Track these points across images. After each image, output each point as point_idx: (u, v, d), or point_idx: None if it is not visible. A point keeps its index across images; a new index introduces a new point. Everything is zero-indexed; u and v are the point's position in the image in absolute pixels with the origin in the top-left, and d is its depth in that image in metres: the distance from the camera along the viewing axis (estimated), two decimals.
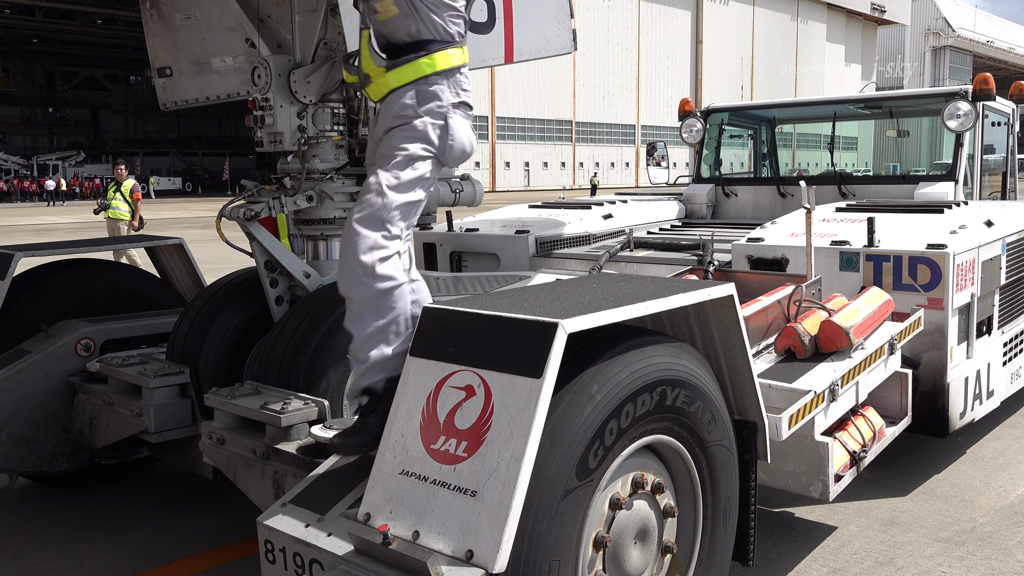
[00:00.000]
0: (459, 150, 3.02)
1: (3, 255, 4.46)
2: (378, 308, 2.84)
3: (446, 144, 2.98)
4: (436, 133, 2.96)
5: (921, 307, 4.27)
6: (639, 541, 2.58)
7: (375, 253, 2.81)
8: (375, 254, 2.81)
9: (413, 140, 2.95)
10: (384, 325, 2.86)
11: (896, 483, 4.69)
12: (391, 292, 2.85)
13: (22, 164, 63.24)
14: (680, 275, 4.85)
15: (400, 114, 2.97)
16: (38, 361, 4.23)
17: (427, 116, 2.96)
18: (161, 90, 4.77)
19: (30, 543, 4.14)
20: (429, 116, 2.96)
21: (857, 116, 8.02)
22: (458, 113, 3.03)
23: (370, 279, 2.81)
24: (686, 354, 2.65)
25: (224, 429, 3.34)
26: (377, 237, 2.83)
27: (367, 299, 2.83)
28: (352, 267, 2.83)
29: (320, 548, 2.28)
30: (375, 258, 2.81)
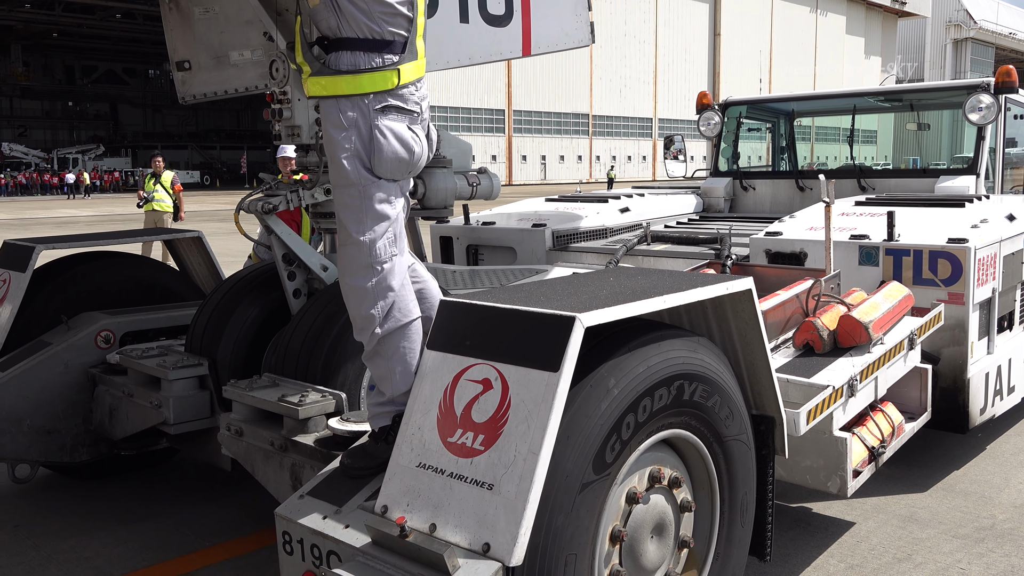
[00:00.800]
0: (389, 162, 2.78)
1: (24, 248, 4.50)
2: (389, 351, 2.80)
3: (376, 160, 2.77)
4: (364, 152, 2.77)
5: (941, 302, 4.23)
6: (656, 535, 2.57)
7: (377, 303, 2.77)
8: (378, 303, 2.77)
9: (352, 164, 2.77)
10: (397, 368, 2.80)
11: (915, 479, 4.65)
12: (401, 332, 2.80)
13: (42, 157, 63.73)
14: (697, 269, 4.83)
15: (330, 134, 2.80)
16: (59, 353, 4.27)
17: (354, 134, 2.76)
18: (180, 84, 4.78)
19: (51, 532, 4.18)
20: (355, 134, 2.76)
21: (877, 109, 7.95)
22: (386, 120, 2.79)
23: (376, 327, 2.77)
24: (704, 348, 2.64)
25: (242, 421, 3.36)
26: (373, 286, 2.77)
27: (376, 346, 2.79)
28: (357, 320, 2.80)
29: (338, 540, 2.29)
30: (379, 308, 2.77)
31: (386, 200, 2.82)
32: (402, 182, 2.88)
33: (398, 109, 2.82)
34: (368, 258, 2.77)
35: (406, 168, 2.84)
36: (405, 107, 2.84)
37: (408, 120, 2.84)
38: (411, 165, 2.85)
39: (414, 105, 2.86)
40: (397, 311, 2.79)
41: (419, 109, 2.88)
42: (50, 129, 75.15)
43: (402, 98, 2.83)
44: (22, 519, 4.35)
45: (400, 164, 2.81)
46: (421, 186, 4.22)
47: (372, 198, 2.79)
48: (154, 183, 13.11)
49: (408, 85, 2.84)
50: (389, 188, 2.83)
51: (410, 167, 2.85)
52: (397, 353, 2.80)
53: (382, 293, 2.77)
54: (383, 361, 2.80)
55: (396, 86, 2.80)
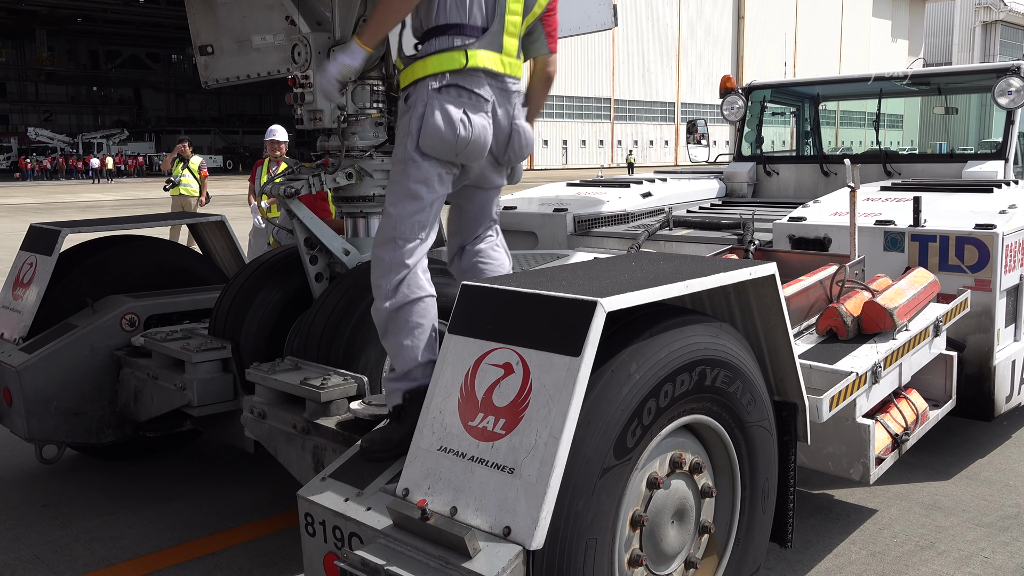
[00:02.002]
0: (430, 137, 2.85)
1: (50, 231, 4.54)
2: (398, 326, 2.87)
3: (421, 133, 2.86)
4: (415, 130, 2.88)
5: (968, 288, 4.19)
6: (676, 520, 2.57)
7: (391, 275, 2.86)
8: (391, 276, 2.86)
9: (403, 143, 2.92)
10: (405, 342, 2.87)
11: (939, 467, 4.62)
12: (409, 308, 2.87)
13: (67, 142, 64.29)
14: (720, 254, 4.80)
15: (399, 119, 2.95)
16: (85, 335, 4.31)
17: (413, 115, 2.89)
18: (203, 68, 4.81)
19: (77, 512, 4.24)
20: (414, 115, 2.89)
21: (904, 93, 7.84)
22: (441, 98, 2.88)
23: (386, 300, 2.86)
24: (726, 334, 2.62)
25: (265, 404, 3.39)
26: (391, 258, 2.87)
27: (386, 318, 2.87)
28: (373, 289, 2.90)
29: (359, 522, 2.31)
30: (392, 280, 2.86)
31: (422, 183, 2.91)
32: (448, 172, 2.95)
33: (460, 90, 2.90)
34: (392, 231, 2.88)
35: (449, 149, 2.89)
36: (472, 91, 2.92)
37: (469, 105, 2.91)
38: (455, 147, 2.89)
39: (485, 93, 2.94)
40: (406, 287, 2.86)
41: (488, 98, 2.95)
42: (75, 114, 75.76)
43: (470, 82, 2.91)
44: (50, 499, 4.42)
45: (442, 143, 2.87)
46: None
47: (410, 177, 2.90)
48: (182, 167, 13.19)
49: (480, 71, 2.92)
50: (429, 172, 2.91)
51: (455, 149, 2.90)
52: (405, 328, 2.86)
53: (396, 267, 2.86)
54: (393, 336, 2.88)
55: (463, 67, 2.88)
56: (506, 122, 3.05)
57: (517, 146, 3.10)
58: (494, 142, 3.03)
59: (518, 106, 3.09)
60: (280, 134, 8.96)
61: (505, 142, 3.08)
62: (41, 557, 3.78)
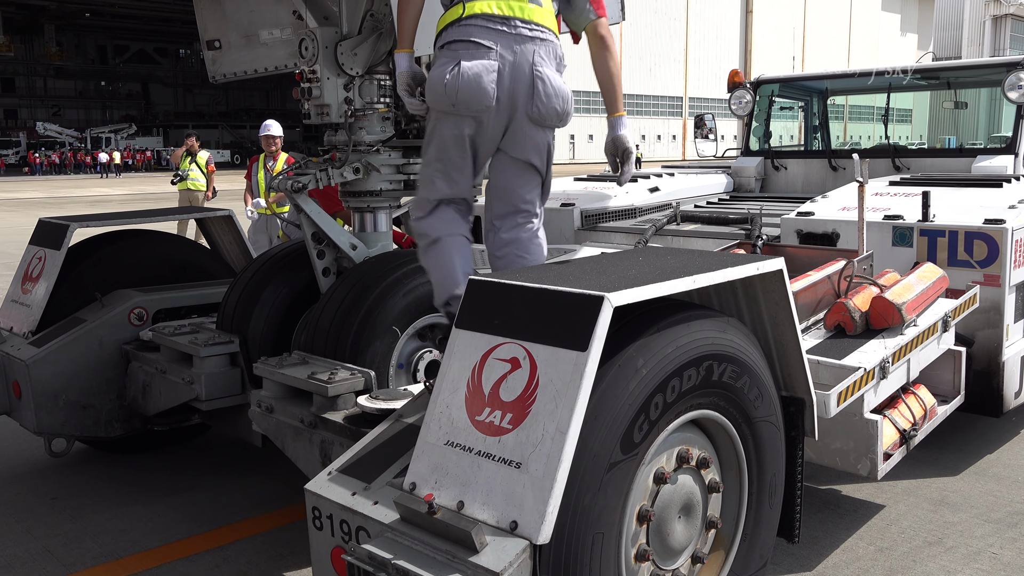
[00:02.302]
0: (430, 89, 3.06)
1: (59, 226, 4.56)
2: (427, 265, 3.31)
3: (426, 89, 3.13)
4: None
5: (977, 284, 4.17)
6: (683, 516, 2.57)
7: (416, 222, 3.31)
8: (416, 223, 3.31)
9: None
10: (433, 279, 3.28)
11: (947, 463, 4.61)
12: (431, 248, 3.26)
13: (76, 137, 64.44)
14: (728, 249, 4.79)
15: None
16: (93, 329, 4.33)
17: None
18: (210, 62, 4.81)
19: (86, 505, 4.26)
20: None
21: (913, 87, 7.81)
22: (440, 54, 3.07)
23: (417, 239, 3.33)
24: (733, 329, 2.62)
25: (272, 398, 3.39)
26: (415, 206, 3.32)
27: (421, 260, 3.34)
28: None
29: (367, 516, 2.31)
30: (416, 226, 3.31)
31: (435, 136, 3.16)
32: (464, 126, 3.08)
33: (458, 43, 3.02)
34: (418, 181, 3.37)
35: (441, 98, 3.04)
36: (469, 40, 2.99)
37: (465, 55, 2.99)
38: (446, 95, 3.01)
39: (485, 40, 3.00)
40: (419, 236, 3.30)
41: (490, 45, 3.00)
42: (83, 109, 75.92)
43: (467, 32, 3.00)
44: (59, 492, 4.44)
45: (434, 93, 3.07)
46: None
47: (429, 132, 3.20)
48: (189, 162, 13.21)
49: (478, 18, 3.01)
50: (441, 127, 3.12)
51: (448, 99, 3.01)
52: (429, 268, 3.29)
53: (416, 214, 3.30)
54: (429, 274, 3.31)
55: (460, 16, 3.03)
56: (525, 69, 3.01)
57: (543, 95, 3.04)
58: (510, 90, 3.01)
59: (540, 54, 3.03)
60: (275, 129, 8.88)
61: (528, 92, 3.02)
62: (51, 550, 3.80)
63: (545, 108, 3.07)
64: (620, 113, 3.28)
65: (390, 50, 3.97)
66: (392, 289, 3.59)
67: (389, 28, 3.90)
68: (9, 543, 3.86)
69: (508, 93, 3.02)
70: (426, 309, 3.70)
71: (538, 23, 3.06)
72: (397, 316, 3.58)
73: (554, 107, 3.09)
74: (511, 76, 3.00)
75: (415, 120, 4.14)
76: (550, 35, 3.11)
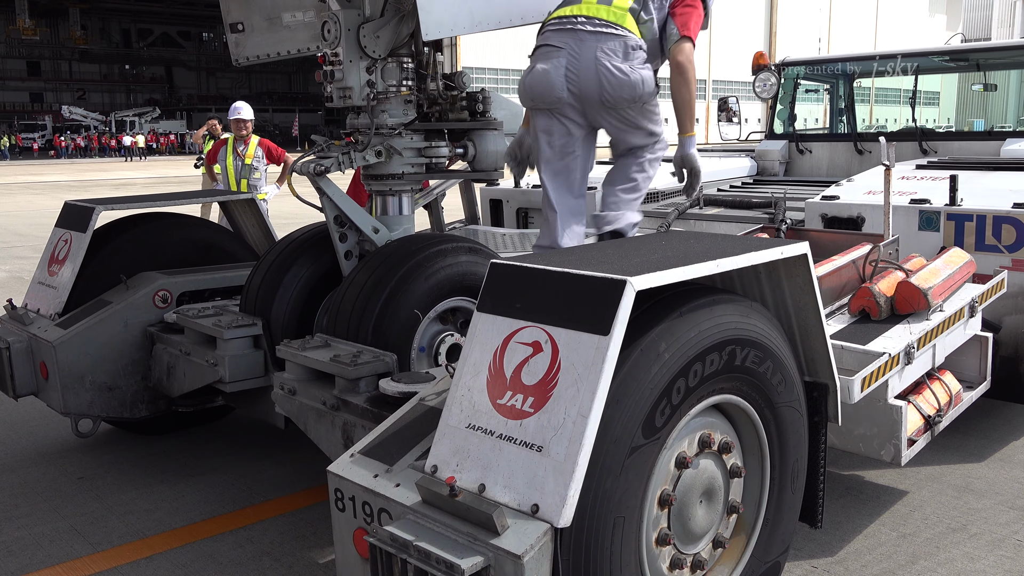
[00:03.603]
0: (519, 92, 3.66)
1: (85, 209, 4.60)
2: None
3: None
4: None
5: (1005, 269, 4.12)
6: (705, 500, 2.57)
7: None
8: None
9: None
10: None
11: (972, 449, 4.57)
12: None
13: (100, 120, 64.93)
14: (751, 233, 4.76)
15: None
16: (118, 311, 4.37)
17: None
18: (233, 46, 4.82)
19: (112, 485, 4.32)
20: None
21: (941, 69, 7.69)
22: (531, 58, 3.62)
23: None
24: (756, 314, 2.60)
25: (295, 380, 3.41)
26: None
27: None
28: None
29: (389, 498, 2.32)
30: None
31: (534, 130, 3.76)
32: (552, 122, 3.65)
33: (539, 48, 3.61)
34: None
35: (523, 96, 3.66)
36: (546, 44, 3.58)
37: (543, 58, 3.55)
38: (524, 93, 3.64)
39: (555, 41, 3.53)
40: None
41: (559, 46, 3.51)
42: (108, 92, 76.47)
43: (545, 38, 3.59)
44: (85, 471, 4.50)
45: (519, 95, 3.71)
46: (472, 148, 4.21)
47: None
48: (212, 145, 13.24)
49: (553, 21, 3.57)
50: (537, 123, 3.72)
51: (527, 95, 3.63)
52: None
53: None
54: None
55: (547, 21, 3.64)
56: (590, 63, 3.40)
57: (608, 85, 3.43)
58: (582, 84, 3.45)
59: (604, 48, 3.42)
60: (245, 112, 8.67)
61: (596, 83, 3.43)
62: (78, 528, 3.85)
63: (613, 96, 3.48)
64: (691, 133, 3.62)
65: (412, 32, 3.96)
66: (414, 272, 3.60)
67: (411, 10, 3.88)
68: (37, 521, 3.92)
69: (578, 85, 3.46)
70: (448, 292, 3.70)
71: (603, 19, 3.46)
72: (419, 299, 3.59)
73: (622, 95, 3.48)
74: (580, 69, 3.44)
75: (437, 103, 4.14)
76: (619, 29, 3.47)
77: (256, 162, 8.71)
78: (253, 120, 8.76)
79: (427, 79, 4.12)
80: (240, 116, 8.63)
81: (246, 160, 8.64)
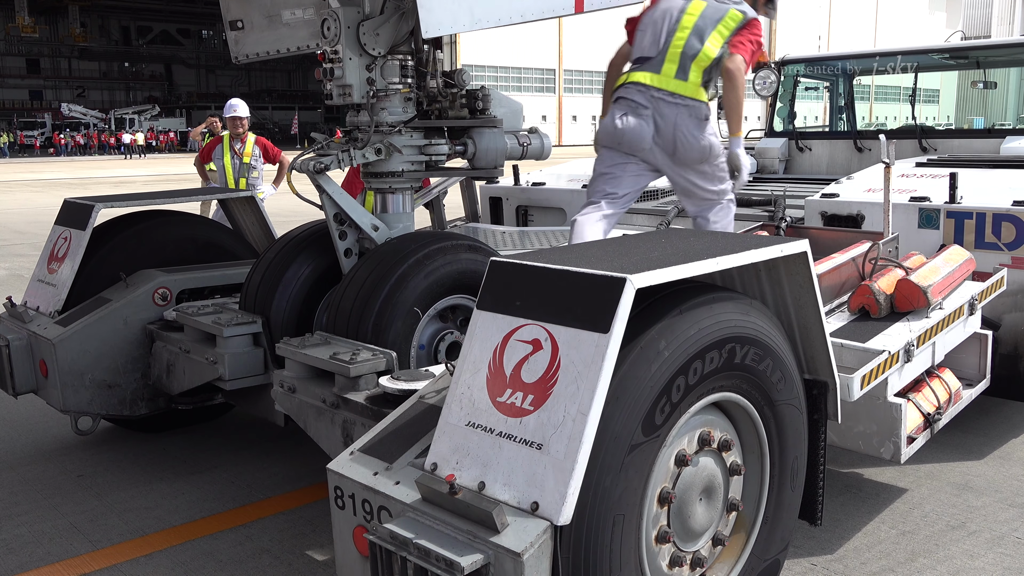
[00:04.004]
0: (600, 130, 4.28)
1: (84, 206, 4.59)
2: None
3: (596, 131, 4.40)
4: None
5: (1004, 266, 4.12)
6: (704, 498, 2.57)
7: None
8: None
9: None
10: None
11: (971, 447, 4.57)
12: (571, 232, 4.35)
13: (100, 118, 64.88)
14: (751, 231, 4.76)
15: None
16: (118, 309, 4.37)
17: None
18: (233, 43, 4.81)
19: (112, 483, 4.32)
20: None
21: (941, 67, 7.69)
22: (613, 106, 4.19)
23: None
24: (756, 311, 2.60)
25: (295, 378, 3.41)
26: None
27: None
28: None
29: (389, 496, 2.32)
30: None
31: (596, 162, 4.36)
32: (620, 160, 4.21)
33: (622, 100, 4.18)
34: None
35: (611, 137, 4.20)
36: (630, 99, 4.14)
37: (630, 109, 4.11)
38: (615, 135, 4.17)
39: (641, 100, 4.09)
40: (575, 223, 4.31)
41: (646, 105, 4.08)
42: (107, 90, 76.41)
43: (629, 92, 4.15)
44: (85, 469, 4.50)
45: (605, 133, 4.25)
46: (472, 146, 4.21)
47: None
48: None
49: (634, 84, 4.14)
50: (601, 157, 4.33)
51: (615, 137, 4.17)
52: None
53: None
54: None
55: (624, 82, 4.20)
56: (668, 127, 4.02)
57: (682, 148, 4.05)
58: (659, 140, 4.05)
59: (681, 116, 4.01)
60: (241, 109, 8.49)
61: (672, 144, 4.05)
62: (77, 526, 3.85)
63: (685, 156, 4.09)
64: (738, 134, 4.23)
65: (411, 30, 3.96)
66: (414, 270, 3.60)
67: (411, 8, 3.88)
68: (37, 519, 3.93)
69: (661, 144, 4.07)
70: (448, 290, 3.70)
71: (682, 94, 4.02)
72: (419, 297, 3.59)
73: (691, 156, 4.09)
74: (656, 128, 4.05)
75: (436, 101, 4.14)
76: (693, 103, 4.04)
77: (254, 160, 8.65)
78: (249, 117, 8.66)
79: (427, 77, 4.12)
80: (236, 114, 8.52)
81: (244, 159, 8.57)
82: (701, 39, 4.06)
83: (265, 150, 8.75)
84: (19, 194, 24.48)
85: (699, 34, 4.06)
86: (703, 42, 4.05)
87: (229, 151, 8.51)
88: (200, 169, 9.16)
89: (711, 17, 4.09)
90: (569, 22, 49.56)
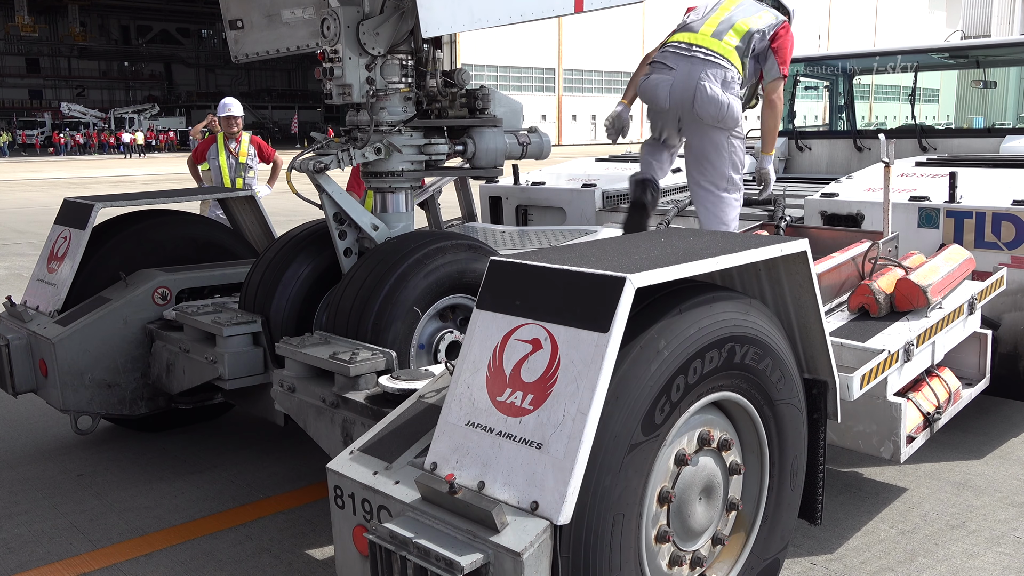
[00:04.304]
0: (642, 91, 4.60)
1: (84, 206, 4.59)
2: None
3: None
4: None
5: (1004, 266, 4.12)
6: (704, 497, 2.57)
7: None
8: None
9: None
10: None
11: (971, 446, 4.57)
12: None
13: (100, 117, 64.83)
14: (751, 231, 4.76)
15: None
16: (118, 308, 4.37)
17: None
18: (232, 43, 4.81)
19: (112, 482, 4.32)
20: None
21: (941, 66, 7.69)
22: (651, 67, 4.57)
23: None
24: (756, 311, 2.60)
25: (295, 377, 3.41)
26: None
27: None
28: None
29: (388, 495, 2.32)
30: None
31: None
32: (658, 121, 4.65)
33: (655, 63, 4.58)
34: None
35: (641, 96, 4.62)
36: (661, 63, 4.53)
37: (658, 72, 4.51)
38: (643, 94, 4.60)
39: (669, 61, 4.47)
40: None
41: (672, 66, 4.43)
42: (107, 89, 76.40)
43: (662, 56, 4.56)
44: (85, 469, 4.50)
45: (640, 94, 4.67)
46: (471, 145, 4.21)
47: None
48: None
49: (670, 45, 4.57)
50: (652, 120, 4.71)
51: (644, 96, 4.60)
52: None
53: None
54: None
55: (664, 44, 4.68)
56: (692, 82, 4.25)
57: (700, 100, 4.25)
58: (679, 97, 4.29)
59: (707, 72, 4.25)
60: (236, 108, 8.41)
61: (690, 98, 4.25)
62: (77, 525, 3.85)
63: (702, 110, 4.28)
64: (769, 153, 4.68)
65: (411, 29, 3.96)
66: (413, 270, 3.60)
67: (411, 7, 3.88)
68: (36, 518, 3.93)
69: (677, 100, 4.32)
70: (447, 289, 3.70)
71: (713, 50, 4.31)
72: (418, 297, 3.59)
73: (709, 111, 4.27)
74: (681, 87, 4.29)
75: (436, 100, 4.14)
76: (723, 61, 4.31)
77: (250, 160, 8.61)
78: (243, 116, 8.60)
79: (426, 76, 4.11)
80: (231, 113, 8.45)
81: (240, 158, 8.53)
82: (742, 14, 4.50)
83: (260, 149, 8.72)
84: (19, 193, 24.48)
85: (740, 10, 4.51)
86: (744, 16, 4.47)
87: (224, 151, 8.47)
88: (192, 169, 9.10)
89: (749, 6, 4.55)
90: (569, 22, 49.59)
